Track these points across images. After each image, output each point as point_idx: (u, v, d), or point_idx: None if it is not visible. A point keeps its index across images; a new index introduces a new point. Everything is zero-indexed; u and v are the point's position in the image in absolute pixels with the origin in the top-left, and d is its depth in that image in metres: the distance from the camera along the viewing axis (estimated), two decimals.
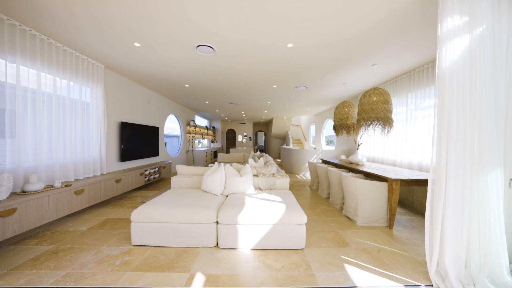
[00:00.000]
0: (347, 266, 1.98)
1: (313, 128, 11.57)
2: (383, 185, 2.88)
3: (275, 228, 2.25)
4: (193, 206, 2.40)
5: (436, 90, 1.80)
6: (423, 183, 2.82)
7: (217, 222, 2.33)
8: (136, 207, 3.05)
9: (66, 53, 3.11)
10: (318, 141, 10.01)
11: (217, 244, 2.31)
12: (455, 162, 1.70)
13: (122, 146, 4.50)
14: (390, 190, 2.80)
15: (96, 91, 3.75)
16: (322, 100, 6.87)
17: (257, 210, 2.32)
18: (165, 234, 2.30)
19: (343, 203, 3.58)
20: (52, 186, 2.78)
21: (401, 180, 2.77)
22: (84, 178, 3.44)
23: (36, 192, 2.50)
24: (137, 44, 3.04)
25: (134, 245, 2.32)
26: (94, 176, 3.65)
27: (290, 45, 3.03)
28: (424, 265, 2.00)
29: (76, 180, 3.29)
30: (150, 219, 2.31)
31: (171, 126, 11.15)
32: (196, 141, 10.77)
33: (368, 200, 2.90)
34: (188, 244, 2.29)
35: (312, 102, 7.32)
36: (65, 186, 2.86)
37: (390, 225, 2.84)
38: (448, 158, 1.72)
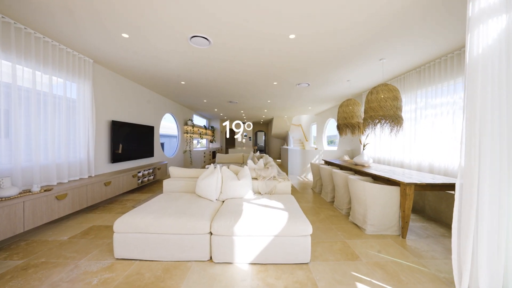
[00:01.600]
0: (359, 286, 1.71)
1: (314, 128, 11.30)
2: (395, 190, 2.61)
3: (277, 239, 1.98)
4: (185, 214, 2.13)
5: (465, 80, 1.53)
6: (443, 188, 2.55)
7: (211, 233, 2.06)
8: (126, 212, 2.78)
9: (47, 45, 2.84)
10: (319, 141, 9.74)
11: (210, 257, 2.04)
12: (490, 165, 1.43)
13: (121, 145, 4.23)
14: (403, 196, 2.53)
15: (84, 87, 3.48)
16: (324, 98, 6.60)
17: (256, 219, 2.05)
18: (152, 246, 2.03)
19: (349, 208, 3.31)
20: (30, 191, 2.51)
21: (416, 185, 2.50)
22: (69, 181, 3.17)
23: (8, 198, 2.23)
24: (125, 35, 2.77)
25: (117, 259, 2.05)
26: (80, 179, 3.38)
27: (292, 36, 2.76)
28: (448, 284, 1.73)
29: (59, 183, 3.02)
30: (135, 229, 2.04)
31: (169, 126, 10.84)
32: (195, 141, 10.51)
33: (378, 206, 2.63)
34: (178, 258, 2.02)
35: (314, 101, 7.05)
36: (45, 190, 2.60)
37: (403, 234, 2.57)
38: (481, 160, 1.46)
